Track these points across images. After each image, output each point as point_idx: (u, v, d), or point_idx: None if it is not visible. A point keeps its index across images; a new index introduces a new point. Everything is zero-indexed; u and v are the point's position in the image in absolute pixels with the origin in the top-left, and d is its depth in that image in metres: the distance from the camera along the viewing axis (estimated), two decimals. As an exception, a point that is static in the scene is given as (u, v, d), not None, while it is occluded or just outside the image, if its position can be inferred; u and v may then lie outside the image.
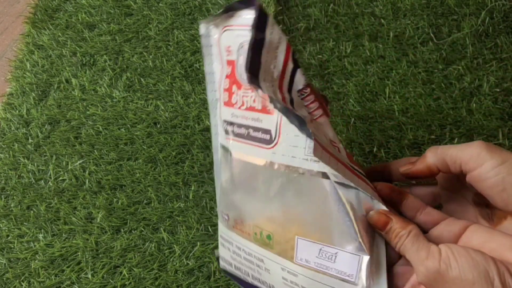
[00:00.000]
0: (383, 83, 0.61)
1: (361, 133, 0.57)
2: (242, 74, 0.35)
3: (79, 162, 0.57)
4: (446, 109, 0.58)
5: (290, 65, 0.36)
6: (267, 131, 0.35)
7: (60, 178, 0.56)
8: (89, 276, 0.48)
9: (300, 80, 0.36)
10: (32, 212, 0.53)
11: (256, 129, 0.36)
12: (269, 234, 0.36)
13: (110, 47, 0.69)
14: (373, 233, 0.34)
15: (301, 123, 0.32)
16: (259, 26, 0.34)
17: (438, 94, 0.59)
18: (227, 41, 0.37)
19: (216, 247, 0.47)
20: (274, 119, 0.34)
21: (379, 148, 0.55)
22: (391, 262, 0.35)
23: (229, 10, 0.37)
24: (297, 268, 0.35)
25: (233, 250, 0.39)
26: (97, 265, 0.49)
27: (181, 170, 0.55)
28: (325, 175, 0.33)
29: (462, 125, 0.56)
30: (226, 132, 0.38)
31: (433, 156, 0.34)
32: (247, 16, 0.35)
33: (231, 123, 0.37)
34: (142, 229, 0.51)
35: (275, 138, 0.35)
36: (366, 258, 0.32)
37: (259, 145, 0.36)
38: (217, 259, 0.43)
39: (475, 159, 0.31)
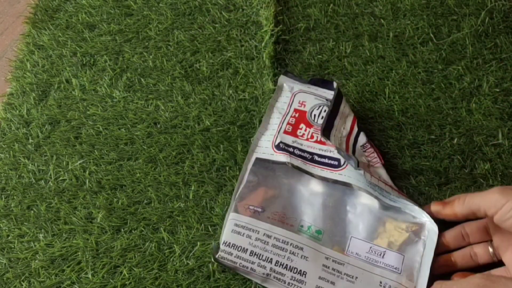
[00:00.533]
0: (383, 83, 0.61)
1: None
2: (316, 122, 0.54)
3: (79, 162, 0.57)
4: (446, 109, 0.58)
5: (355, 130, 0.53)
6: (336, 159, 0.50)
7: (60, 178, 0.56)
8: (89, 276, 0.48)
9: (362, 139, 0.53)
10: (32, 212, 0.53)
11: (323, 156, 0.51)
12: (319, 229, 0.46)
13: (110, 47, 0.69)
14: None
15: (356, 163, 0.46)
16: (337, 101, 0.53)
17: (437, 94, 0.59)
18: (302, 98, 0.56)
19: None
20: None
21: (378, 148, 0.55)
22: (441, 250, 0.45)
23: (312, 83, 0.58)
24: (346, 259, 0.44)
25: (257, 238, 0.45)
26: (97, 265, 0.49)
27: (181, 170, 0.55)
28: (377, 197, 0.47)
29: (462, 125, 0.56)
30: (279, 148, 0.52)
31: (460, 206, 0.41)
32: (325, 92, 0.57)
33: (293, 147, 0.52)
34: (142, 229, 0.51)
35: (343, 164, 0.50)
36: (410, 263, 0.43)
37: (323, 167, 0.50)
38: (216, 247, 0.46)
39: (494, 204, 0.37)
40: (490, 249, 0.43)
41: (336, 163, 0.50)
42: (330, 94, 0.56)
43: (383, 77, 0.62)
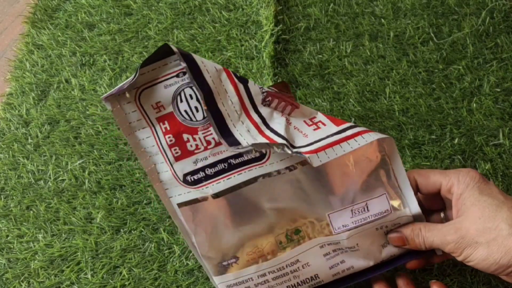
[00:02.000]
0: (384, 83, 0.61)
1: (361, 133, 0.57)
2: (196, 120, 0.38)
3: (78, 162, 0.57)
4: (447, 109, 0.58)
5: (241, 86, 0.38)
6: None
7: (60, 178, 0.56)
8: (89, 276, 0.48)
9: (256, 92, 0.39)
10: (31, 212, 0.53)
11: (238, 156, 0.38)
12: (296, 229, 0.40)
13: (109, 47, 0.69)
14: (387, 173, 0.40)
15: (288, 146, 0.36)
16: (193, 69, 0.35)
17: (438, 94, 0.59)
18: (152, 98, 0.37)
19: None
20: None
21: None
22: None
23: (145, 65, 0.37)
24: (338, 237, 0.39)
25: (256, 283, 0.40)
26: (97, 265, 0.49)
27: (181, 170, 0.55)
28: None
29: (463, 125, 0.56)
30: (189, 182, 0.39)
31: (422, 245, 0.40)
32: (171, 64, 0.37)
33: (199, 170, 0.38)
34: (142, 229, 0.51)
35: (266, 151, 0.38)
36: (390, 182, 0.39)
37: (249, 167, 0.38)
38: None
39: (452, 252, 0.38)
40: (442, 215, 0.44)
41: (257, 154, 0.38)
42: (174, 62, 0.37)
43: (383, 76, 0.62)
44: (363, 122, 0.57)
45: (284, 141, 0.36)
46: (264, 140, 0.37)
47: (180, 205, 0.39)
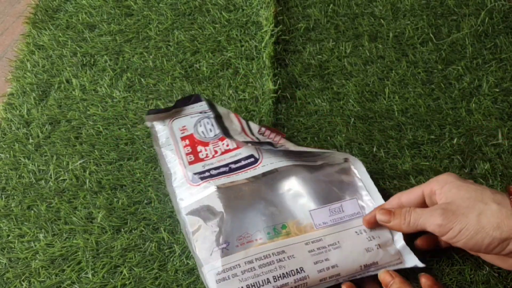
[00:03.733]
0: (383, 83, 0.61)
1: (361, 133, 0.57)
2: (209, 136, 0.54)
3: (79, 162, 0.57)
4: (446, 109, 0.58)
5: (243, 122, 0.55)
6: (250, 156, 0.52)
7: (61, 178, 0.56)
8: (90, 275, 0.48)
9: (254, 127, 0.55)
10: (32, 212, 0.53)
11: (237, 161, 0.52)
12: (283, 224, 0.46)
13: (110, 47, 0.69)
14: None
15: (271, 145, 0.51)
16: (212, 108, 0.55)
17: (437, 94, 0.59)
18: (180, 124, 0.56)
19: None
20: (252, 147, 0.52)
21: (378, 148, 0.55)
22: None
23: (177, 106, 0.57)
24: (319, 233, 0.46)
25: (243, 270, 0.43)
26: (98, 265, 0.49)
27: (181, 170, 0.55)
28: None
29: (462, 125, 0.56)
30: (196, 180, 0.50)
31: (406, 226, 0.43)
32: (196, 106, 0.57)
33: (207, 170, 0.51)
34: (143, 228, 0.51)
35: (259, 157, 0.51)
36: (361, 196, 0.49)
37: (245, 170, 0.51)
38: None
39: (439, 230, 0.40)
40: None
41: (252, 159, 0.51)
42: (199, 106, 0.57)
43: (383, 77, 0.62)
44: (363, 122, 0.58)
45: (270, 141, 0.51)
46: (251, 141, 0.52)
47: (187, 207, 0.49)
